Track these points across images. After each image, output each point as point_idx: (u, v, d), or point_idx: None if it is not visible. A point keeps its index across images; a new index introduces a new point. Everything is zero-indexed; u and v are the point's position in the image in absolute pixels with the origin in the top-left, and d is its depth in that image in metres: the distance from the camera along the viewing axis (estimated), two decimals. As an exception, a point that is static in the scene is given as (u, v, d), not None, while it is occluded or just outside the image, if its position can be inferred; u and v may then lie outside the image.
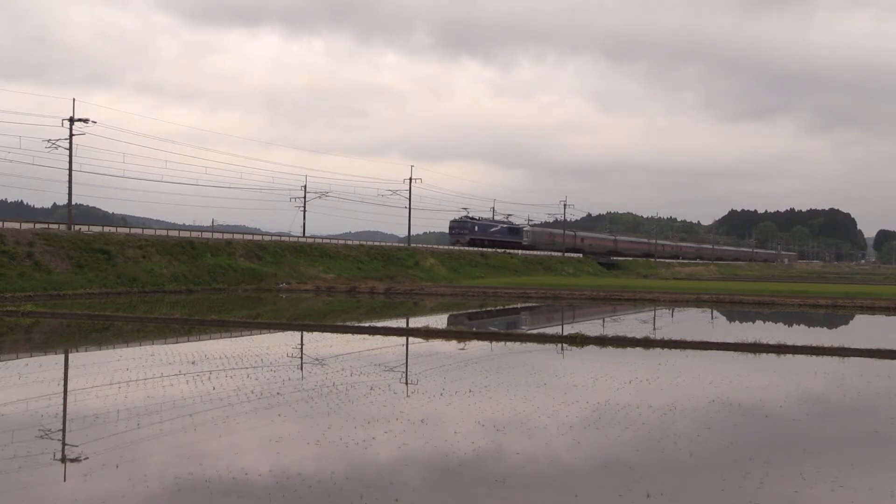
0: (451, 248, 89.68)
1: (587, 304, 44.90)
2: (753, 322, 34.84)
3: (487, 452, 10.42)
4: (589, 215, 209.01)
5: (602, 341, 23.14)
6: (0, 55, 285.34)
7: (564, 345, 22.89)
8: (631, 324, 31.11)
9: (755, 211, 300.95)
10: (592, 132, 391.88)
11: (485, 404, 13.68)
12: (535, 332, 26.81)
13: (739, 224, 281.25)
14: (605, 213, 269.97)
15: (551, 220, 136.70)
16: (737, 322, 35.84)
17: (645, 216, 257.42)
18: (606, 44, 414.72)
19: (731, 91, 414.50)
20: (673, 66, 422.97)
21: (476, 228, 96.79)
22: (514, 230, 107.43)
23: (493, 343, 23.26)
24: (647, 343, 22.74)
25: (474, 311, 40.09)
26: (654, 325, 31.30)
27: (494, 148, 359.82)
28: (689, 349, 22.01)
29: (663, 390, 15.45)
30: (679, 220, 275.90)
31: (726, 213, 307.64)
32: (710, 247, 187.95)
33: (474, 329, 27.21)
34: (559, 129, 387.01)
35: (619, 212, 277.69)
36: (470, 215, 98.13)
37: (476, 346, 22.64)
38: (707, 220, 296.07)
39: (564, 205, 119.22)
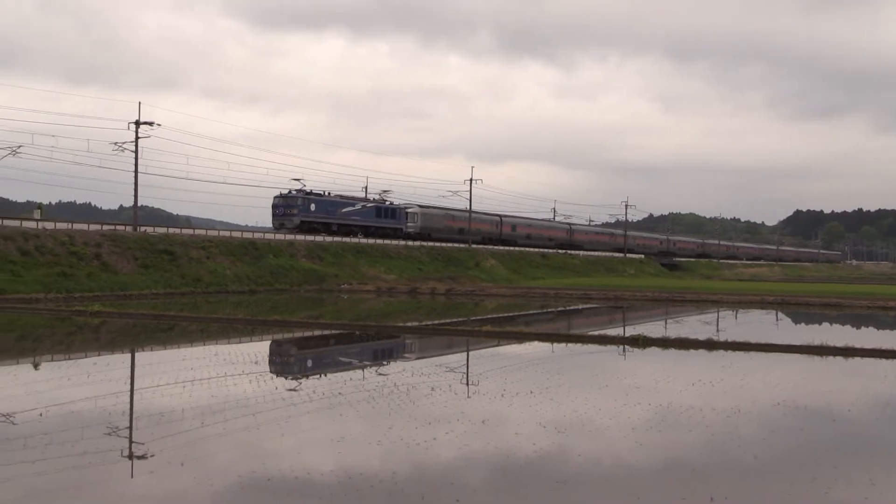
0: (512, 249, 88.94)
1: (649, 305, 44.52)
2: (819, 324, 34.25)
3: (549, 454, 10.38)
4: (651, 216, 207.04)
5: (664, 343, 22.91)
6: (71, 60, 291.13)
7: (626, 346, 22.71)
8: (693, 325, 30.77)
9: (821, 211, 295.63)
10: (654, 133, 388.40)
11: (546, 405, 13.62)
12: (596, 333, 26.63)
13: (805, 225, 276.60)
14: (666, 213, 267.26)
15: (612, 220, 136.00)
16: (802, 324, 35.27)
17: (707, 217, 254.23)
18: (669, 44, 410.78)
19: (797, 90, 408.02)
20: (737, 66, 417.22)
21: (313, 207, 67.88)
22: (388, 211, 77.11)
23: (554, 344, 23.15)
24: (710, 345, 22.45)
25: (535, 312, 39.96)
26: (718, 326, 30.90)
27: (556, 149, 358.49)
28: (753, 351, 21.69)
29: (727, 393, 15.25)
30: (742, 220, 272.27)
31: (791, 213, 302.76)
32: (775, 248, 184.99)
33: (535, 330, 27.12)
34: (621, 129, 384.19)
35: (682, 212, 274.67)
36: (306, 189, 69.28)
37: (537, 347, 22.57)
38: (771, 221, 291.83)
39: (626, 206, 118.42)
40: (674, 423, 12.35)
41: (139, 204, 55.93)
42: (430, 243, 77.23)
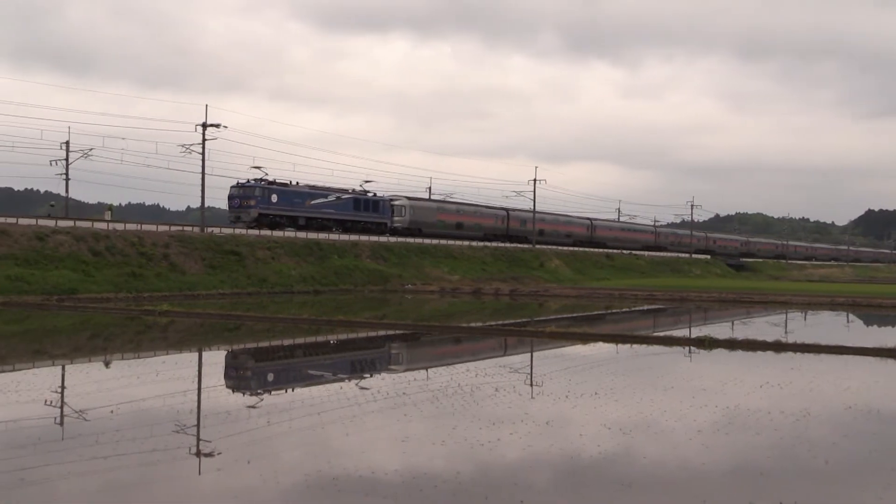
0: (576, 249, 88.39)
1: (715, 306, 43.97)
2: (893, 326, 33.52)
3: (614, 455, 10.30)
4: (717, 216, 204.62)
5: (731, 344, 22.59)
6: (143, 65, 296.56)
7: (692, 347, 22.45)
8: (761, 327, 30.30)
9: (894, 211, 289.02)
10: (722, 132, 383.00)
11: (610, 407, 13.53)
12: (661, 334, 26.38)
13: (877, 224, 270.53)
14: (733, 213, 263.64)
15: (678, 220, 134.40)
16: (875, 326, 34.55)
17: (775, 217, 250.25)
18: (737, 42, 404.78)
19: (871, 87, 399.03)
20: (808, 64, 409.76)
21: (274, 198, 59.48)
22: (369, 204, 67.59)
23: (619, 345, 22.97)
24: (778, 346, 22.09)
25: (599, 312, 39.72)
26: (786, 328, 30.40)
27: (621, 149, 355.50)
28: (823, 353, 21.28)
29: (796, 395, 14.99)
30: (812, 220, 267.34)
31: (863, 213, 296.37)
32: (846, 248, 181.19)
33: (599, 331, 26.95)
34: (688, 129, 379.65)
35: (749, 212, 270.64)
36: (268, 178, 60.44)
37: (601, 348, 22.42)
38: (842, 221, 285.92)
39: (692, 205, 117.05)
40: (741, 425, 12.17)
41: (206, 205, 56.72)
42: (494, 244, 77.10)
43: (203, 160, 54.27)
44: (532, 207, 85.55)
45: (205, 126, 54.42)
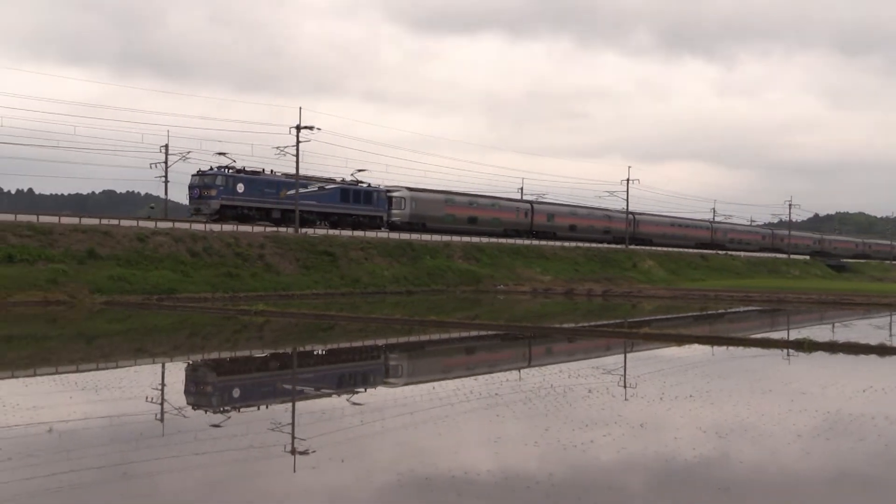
0: (670, 250, 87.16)
1: (815, 307, 42.90)
2: None
3: (710, 459, 10.11)
4: (816, 216, 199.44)
5: (832, 347, 22.00)
6: (240, 69, 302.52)
7: (790, 350, 21.92)
8: (863, 329, 29.45)
9: None
10: (822, 129, 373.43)
11: (706, 410, 13.29)
12: (758, 336, 25.84)
13: None
14: (833, 213, 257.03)
15: (775, 220, 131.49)
16: (984, 329, 33.30)
17: (879, 216, 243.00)
18: (838, 37, 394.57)
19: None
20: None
21: (241, 188, 53.11)
22: (360, 195, 60.93)
23: (715, 347, 22.58)
24: (882, 350, 21.42)
25: (694, 314, 39.11)
26: (891, 330, 29.50)
27: (717, 148, 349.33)
28: (929, 357, 20.59)
29: (901, 400, 14.52)
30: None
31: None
32: None
33: (694, 332, 26.51)
34: (786, 126, 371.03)
35: (850, 212, 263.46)
36: (235, 165, 54.75)
37: (696, 350, 22.05)
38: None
39: (790, 205, 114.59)
40: (843, 431, 11.83)
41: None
42: (586, 244, 76.52)
43: (297, 162, 55.08)
44: (629, 206, 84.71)
45: (299, 128, 55.25)
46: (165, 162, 62.91)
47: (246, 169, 54.43)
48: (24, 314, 30.01)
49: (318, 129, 55.88)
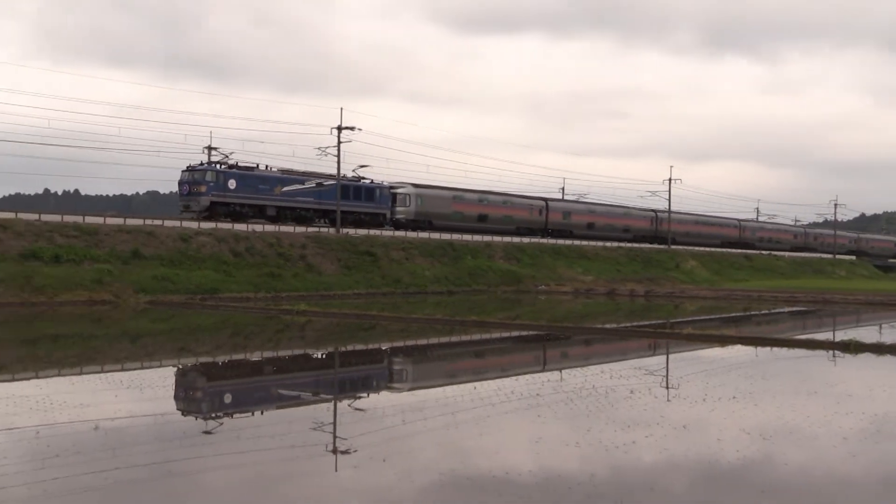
0: (713, 250, 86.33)
1: (862, 309, 42.32)
2: None
3: (753, 461, 10.01)
4: (863, 215, 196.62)
5: (879, 349, 21.69)
6: (282, 71, 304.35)
7: (836, 351, 21.64)
8: (911, 330, 29.01)
9: None
10: (868, 128, 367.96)
11: (750, 411, 13.16)
12: (803, 337, 25.56)
13: None
14: (881, 212, 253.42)
15: (820, 220, 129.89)
16: None
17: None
18: (885, 34, 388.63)
19: None
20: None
21: (232, 184, 51.00)
22: (361, 191, 58.56)
23: (758, 348, 22.35)
24: (930, 351, 21.10)
25: (737, 314, 38.76)
26: (938, 332, 29.03)
27: (760, 147, 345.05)
28: (979, 359, 20.24)
29: (950, 403, 14.29)
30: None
31: None
32: None
33: (737, 333, 26.27)
34: (831, 125, 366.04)
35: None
36: (229, 161, 53.47)
37: (739, 351, 21.84)
38: None
39: (835, 204, 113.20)
40: (891, 434, 11.67)
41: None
42: (628, 245, 76.11)
43: (338, 162, 55.32)
44: (670, 205, 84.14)
45: (340, 129, 55.50)
46: (209, 162, 62.66)
47: (239, 164, 52.88)
48: (71, 314, 30.42)
49: (359, 129, 56.12)
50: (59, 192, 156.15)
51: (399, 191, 61.92)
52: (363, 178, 59.54)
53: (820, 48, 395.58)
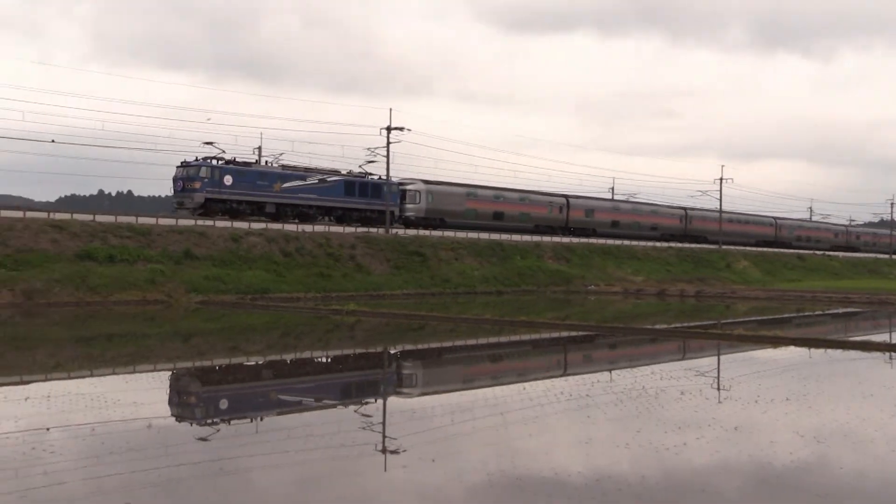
0: (765, 250, 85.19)
1: (918, 310, 41.55)
2: None
3: (808, 464, 9.86)
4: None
5: (937, 350, 21.28)
6: (332, 72, 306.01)
7: (893, 353, 21.27)
8: (970, 332, 28.44)
9: None
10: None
11: (803, 413, 12.98)
12: (858, 338, 25.15)
13: None
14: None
15: (876, 220, 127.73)
16: None
17: None
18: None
19: None
20: None
21: (228, 180, 49.11)
22: (367, 188, 56.05)
23: (812, 350, 22.03)
24: None
25: (790, 315, 38.26)
26: None
27: (814, 146, 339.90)
28: None
29: None
30: None
31: None
32: None
33: (790, 334, 25.91)
34: (887, 122, 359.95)
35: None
36: (226, 156, 50.69)
37: (793, 352, 21.55)
38: None
39: (892, 203, 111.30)
40: (949, 437, 11.43)
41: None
42: (679, 244, 75.42)
43: (388, 163, 55.52)
44: (721, 204, 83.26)
45: (389, 129, 55.67)
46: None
47: (237, 160, 50.88)
48: (125, 313, 30.84)
49: (409, 130, 56.22)
50: (113, 193, 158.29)
51: (409, 187, 59.53)
52: (370, 174, 57.48)
53: (874, 45, 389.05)
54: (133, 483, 8.74)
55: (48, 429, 11.14)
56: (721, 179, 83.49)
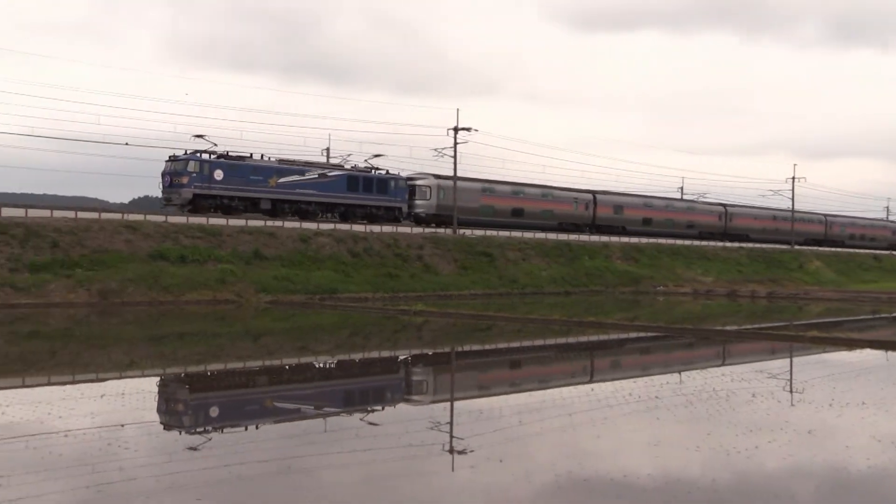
0: (839, 250, 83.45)
1: None
2: None
3: (885, 471, 9.62)
4: None
5: None
6: (399, 73, 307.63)
7: (973, 356, 20.69)
8: None
9: None
10: None
11: (881, 418, 12.67)
12: (937, 341, 24.48)
13: None
14: None
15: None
16: None
17: None
18: None
19: None
20: None
21: (219, 175, 46.05)
22: (371, 183, 52.57)
23: (889, 353, 21.51)
24: None
25: (865, 317, 37.43)
26: None
27: (891, 144, 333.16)
28: None
29: None
30: None
31: None
32: None
33: (866, 336, 25.34)
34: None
35: None
36: (216, 151, 47.35)
37: (869, 355, 21.07)
38: None
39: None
40: None
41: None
42: (749, 245, 74.26)
43: (455, 163, 55.56)
44: (796, 202, 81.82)
45: (456, 130, 55.71)
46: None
47: (229, 154, 47.73)
48: (196, 313, 31.32)
49: (476, 130, 56.16)
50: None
51: (418, 182, 56.36)
52: (376, 168, 54.18)
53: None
54: (204, 480, 8.86)
55: (123, 425, 11.34)
56: (794, 178, 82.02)
